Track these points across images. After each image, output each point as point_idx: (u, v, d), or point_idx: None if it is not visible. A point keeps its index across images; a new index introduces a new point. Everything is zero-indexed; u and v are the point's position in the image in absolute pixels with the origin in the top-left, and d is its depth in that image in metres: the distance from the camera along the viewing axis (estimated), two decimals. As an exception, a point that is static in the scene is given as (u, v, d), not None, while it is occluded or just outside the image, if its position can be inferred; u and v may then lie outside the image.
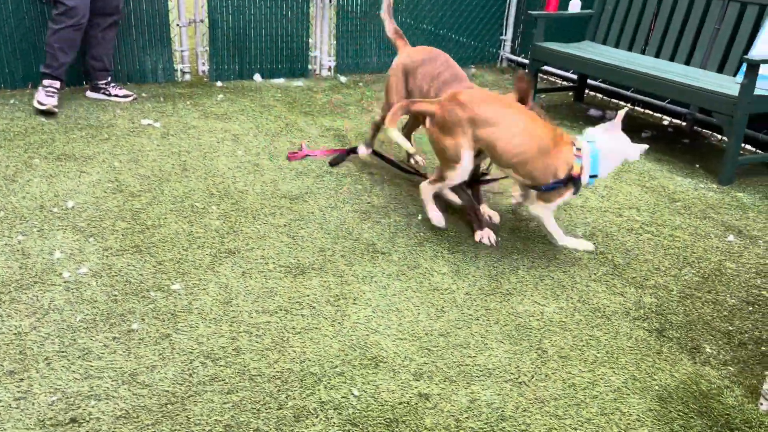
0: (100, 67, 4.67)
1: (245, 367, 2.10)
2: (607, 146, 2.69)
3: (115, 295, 2.42)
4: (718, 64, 4.37)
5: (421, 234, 3.02)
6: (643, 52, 4.90)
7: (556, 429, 1.91)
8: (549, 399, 2.04)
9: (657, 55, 4.78)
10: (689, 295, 2.66)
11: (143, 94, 4.92)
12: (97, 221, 2.96)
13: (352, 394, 2.00)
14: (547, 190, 2.72)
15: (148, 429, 1.83)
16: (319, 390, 2.01)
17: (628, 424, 1.94)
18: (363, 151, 3.87)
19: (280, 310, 2.40)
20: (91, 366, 2.06)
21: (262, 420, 1.89)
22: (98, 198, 3.18)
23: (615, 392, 2.08)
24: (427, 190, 3.03)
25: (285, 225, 3.04)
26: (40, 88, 4.39)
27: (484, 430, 1.89)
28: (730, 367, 2.22)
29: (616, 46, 5.11)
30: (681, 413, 2.00)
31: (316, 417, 1.91)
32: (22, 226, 2.87)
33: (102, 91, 4.77)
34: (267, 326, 2.30)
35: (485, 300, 2.52)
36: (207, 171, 3.60)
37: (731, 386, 2.12)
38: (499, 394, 2.04)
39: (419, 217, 3.18)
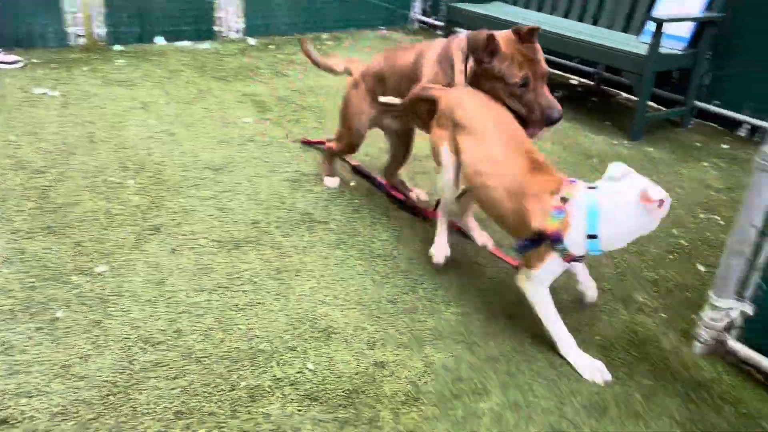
0: None
1: (189, 349, 1.98)
2: (613, 201, 1.87)
3: (32, 282, 2.21)
4: (623, 23, 4.54)
5: (356, 201, 2.97)
6: (551, 13, 5.01)
7: (511, 385, 1.95)
8: (500, 357, 2.07)
9: (566, 16, 4.90)
10: (616, 247, 2.78)
11: (33, 60, 4.49)
12: (0, 202, 2.68)
13: (307, 368, 1.94)
14: (520, 249, 2.06)
15: (91, 424, 1.69)
16: (272, 367, 1.94)
17: (579, 377, 2.01)
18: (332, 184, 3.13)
19: (219, 287, 2.28)
20: (16, 361, 1.87)
21: (215, 403, 1.79)
22: (-4, 176, 2.88)
23: (561, 345, 2.14)
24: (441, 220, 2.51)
25: (212, 197, 2.88)
26: None
27: (443, 392, 1.90)
28: (662, 314, 2.35)
29: (527, 7, 5.20)
30: (624, 361, 2.09)
31: (273, 395, 1.84)
32: None
33: (-15, 57, 4.31)
34: (207, 305, 2.18)
35: (429, 265, 2.51)
36: (118, 143, 3.34)
37: (666, 332, 2.24)
38: (452, 356, 2.05)
39: (352, 183, 3.12)
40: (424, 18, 6.60)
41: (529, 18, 4.77)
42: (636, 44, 4.11)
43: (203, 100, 4.07)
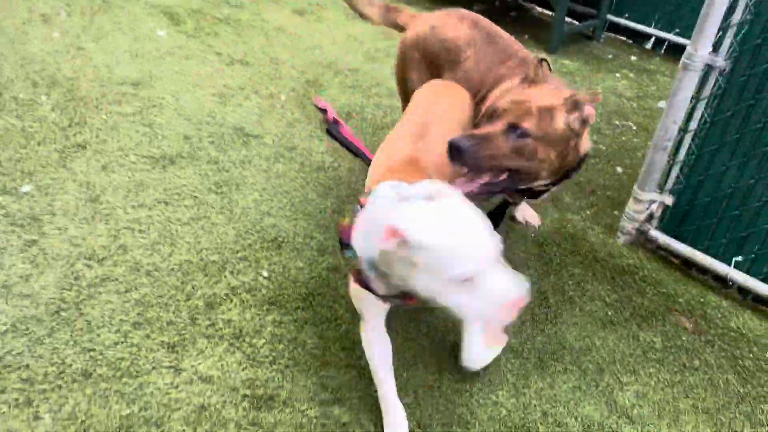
0: None
1: (137, 263, 1.94)
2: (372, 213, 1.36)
3: (-49, 204, 2.06)
4: (540, -63, 4.57)
5: (289, 114, 2.91)
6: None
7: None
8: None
9: (483, -72, 4.86)
10: (542, 153, 2.92)
11: None
12: None
13: (261, 275, 1.96)
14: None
15: (44, 339, 1.64)
16: (225, 277, 1.94)
17: (515, 266, 2.14)
18: None
19: (158, 203, 2.22)
20: (-51, 284, 1.76)
21: (173, 313, 1.79)
22: None
23: (500, 244, 2.27)
24: None
25: (136, 113, 2.74)
26: None
27: (395, 291, 1.98)
28: (587, 211, 2.52)
29: None
30: (556, 254, 2.25)
31: (231, 302, 1.85)
32: None
33: None
34: (148, 220, 2.12)
35: (367, 173, 2.55)
36: (21, 58, 3.06)
37: (592, 226, 2.42)
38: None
39: (282, 98, 3.05)
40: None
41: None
42: (553, -43, 4.16)
43: (109, 11, 3.77)
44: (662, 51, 4.32)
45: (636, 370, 1.83)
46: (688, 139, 2.08)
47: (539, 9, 5.00)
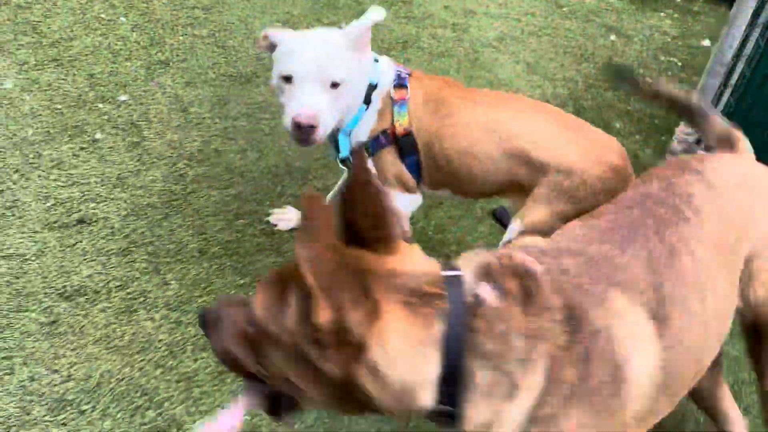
0: None
1: (231, 165, 2.14)
2: None
3: (58, 108, 2.26)
4: None
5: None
6: None
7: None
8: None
9: None
10: (592, 85, 3.06)
11: None
12: (-7, 36, 2.62)
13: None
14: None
15: (161, 223, 1.87)
16: (311, 180, 2.15)
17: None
18: None
19: (241, 114, 2.41)
20: (71, 174, 1.98)
21: (267, 206, 2.00)
22: (-20, 11, 2.77)
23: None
24: None
25: (209, 36, 2.90)
26: None
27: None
28: (636, 137, 2.68)
29: None
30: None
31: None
32: None
33: None
34: (234, 130, 2.32)
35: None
36: (96, -19, 3.22)
37: (642, 149, 2.59)
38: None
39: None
40: None
41: None
42: None
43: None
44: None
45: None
46: (740, 65, 2.22)
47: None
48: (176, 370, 1.48)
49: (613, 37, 3.59)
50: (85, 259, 1.71)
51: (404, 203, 1.61)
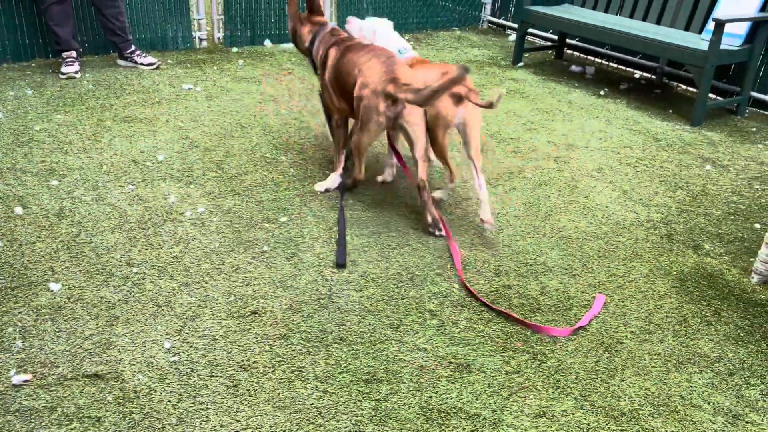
0: (120, 40, 5.01)
1: (365, 272, 2.67)
2: None
3: (237, 228, 2.94)
4: (685, 22, 5.08)
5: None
6: (617, 13, 5.57)
7: (608, 304, 2.57)
8: (597, 285, 2.69)
9: (631, 16, 5.46)
10: (685, 210, 3.37)
11: (169, 61, 5.28)
12: (189, 171, 3.43)
13: (454, 287, 2.61)
14: None
15: (313, 315, 2.39)
16: (427, 285, 2.61)
17: (660, 296, 2.62)
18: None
19: (373, 233, 2.97)
20: (246, 277, 2.59)
21: (393, 306, 2.47)
22: (179, 153, 3.64)
23: (645, 277, 2.76)
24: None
25: (349, 169, 3.57)
26: (61, 60, 4.81)
27: (565, 301, 2.54)
28: (725, 257, 2.94)
29: (594, 8, 5.77)
30: (696, 288, 2.70)
31: (433, 313, 2.51)
32: (126, 178, 3.32)
33: (129, 59, 5.11)
34: (368, 246, 2.87)
35: (532, 218, 3.15)
36: (262, 128, 4.07)
37: (729, 269, 2.84)
38: (561, 283, 2.68)
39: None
40: (493, 18, 7.21)
41: (596, 18, 5.34)
42: (697, 41, 4.65)
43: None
44: (808, 123, 4.57)
45: (763, 375, 2.23)
46: (813, 195, 2.49)
47: (683, 86, 5.43)
48: (323, 428, 1.92)
49: (708, 167, 3.90)
50: (256, 341, 2.25)
51: None
